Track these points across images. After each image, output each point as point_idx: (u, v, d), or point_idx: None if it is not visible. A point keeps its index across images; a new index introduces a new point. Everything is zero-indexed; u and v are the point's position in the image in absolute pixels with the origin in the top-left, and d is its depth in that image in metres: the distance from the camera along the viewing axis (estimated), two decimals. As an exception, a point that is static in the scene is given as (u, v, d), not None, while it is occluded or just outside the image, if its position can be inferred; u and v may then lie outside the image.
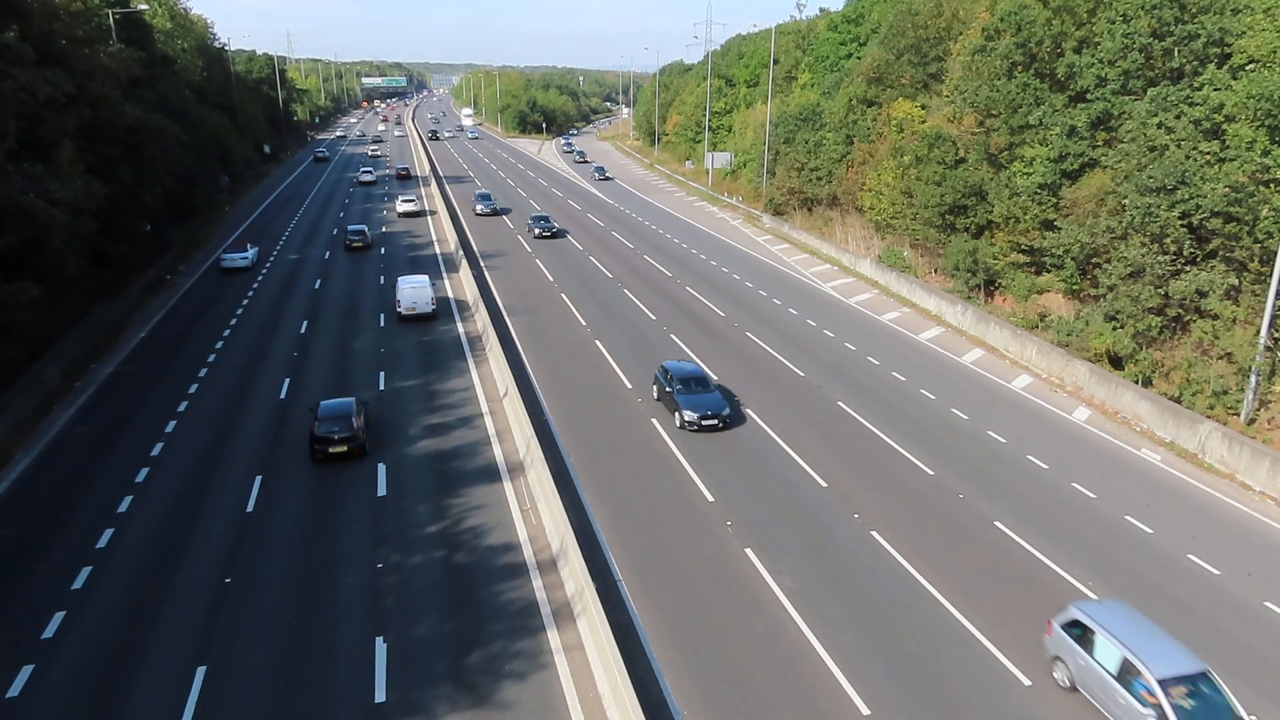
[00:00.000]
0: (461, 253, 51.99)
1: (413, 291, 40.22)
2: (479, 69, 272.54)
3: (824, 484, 25.17)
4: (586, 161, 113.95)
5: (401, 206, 68.82)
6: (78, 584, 19.94)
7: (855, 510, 23.74)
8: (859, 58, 67.98)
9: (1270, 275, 28.73)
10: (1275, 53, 32.38)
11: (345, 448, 25.60)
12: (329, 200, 78.24)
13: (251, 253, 51.40)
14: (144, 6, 63.52)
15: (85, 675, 17.03)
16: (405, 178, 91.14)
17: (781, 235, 63.60)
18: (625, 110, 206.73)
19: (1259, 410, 29.65)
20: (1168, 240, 33.29)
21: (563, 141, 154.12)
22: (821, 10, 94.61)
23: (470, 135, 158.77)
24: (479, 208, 70.26)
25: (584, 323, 40.53)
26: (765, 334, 39.24)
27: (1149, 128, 35.30)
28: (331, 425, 25.77)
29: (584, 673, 17.10)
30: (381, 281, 48.13)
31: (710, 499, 24.14)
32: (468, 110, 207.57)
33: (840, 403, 31.31)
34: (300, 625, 18.51)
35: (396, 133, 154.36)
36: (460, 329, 39.36)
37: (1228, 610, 19.78)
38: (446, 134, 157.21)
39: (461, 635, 18.19)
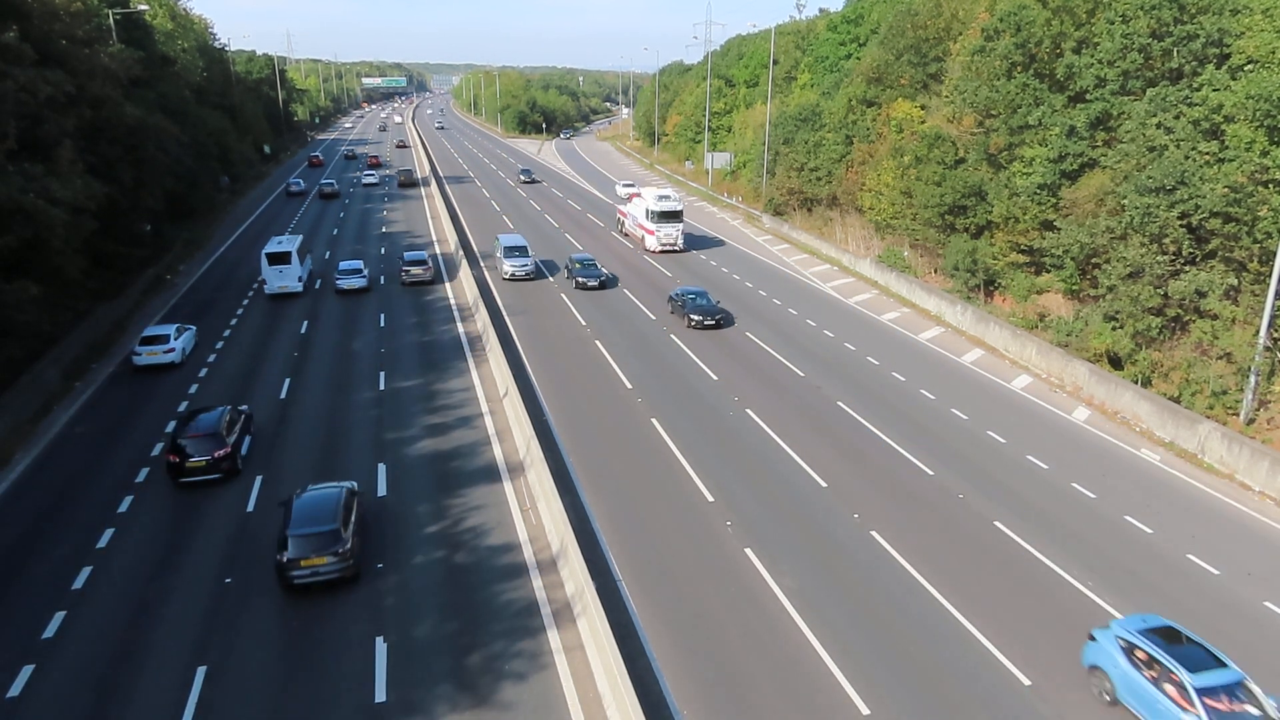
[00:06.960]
0: (461, 253, 52.00)
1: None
2: (479, 69, 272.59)
3: (824, 484, 25.18)
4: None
5: None
6: (78, 584, 19.96)
7: (855, 510, 23.75)
8: (859, 58, 67.96)
9: (1269, 275, 28.75)
10: (1274, 53, 32.36)
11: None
12: (328, 202, 78.23)
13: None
14: (144, 7, 63.42)
15: (85, 675, 17.04)
16: None
17: (781, 235, 63.61)
18: (625, 110, 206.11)
19: (1258, 410, 29.66)
20: (1167, 240, 33.31)
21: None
22: (821, 10, 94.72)
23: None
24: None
25: (584, 323, 40.53)
26: (765, 334, 39.24)
27: (1148, 128, 35.31)
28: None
29: (584, 673, 17.10)
30: (382, 282, 48.14)
31: (710, 499, 24.14)
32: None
33: (840, 403, 31.32)
34: (300, 625, 18.53)
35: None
36: (460, 329, 39.37)
37: (1227, 610, 19.79)
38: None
39: (461, 635, 18.20)
